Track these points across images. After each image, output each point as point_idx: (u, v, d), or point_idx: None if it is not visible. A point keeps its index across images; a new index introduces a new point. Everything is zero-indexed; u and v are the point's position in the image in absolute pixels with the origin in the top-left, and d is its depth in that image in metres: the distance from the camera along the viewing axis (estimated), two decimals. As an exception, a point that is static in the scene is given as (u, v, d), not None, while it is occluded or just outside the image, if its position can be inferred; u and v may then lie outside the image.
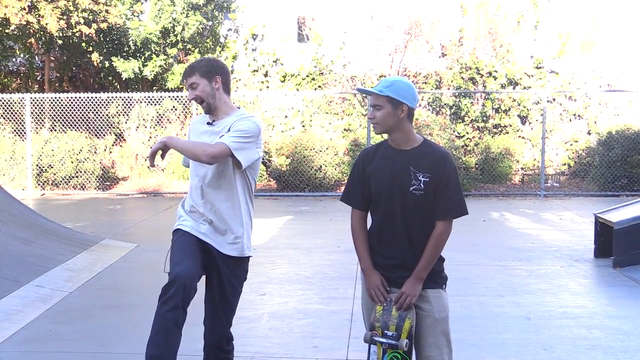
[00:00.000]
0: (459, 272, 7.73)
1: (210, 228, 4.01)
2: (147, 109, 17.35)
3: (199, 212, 4.03)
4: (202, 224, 4.02)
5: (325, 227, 11.43)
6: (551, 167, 17.50)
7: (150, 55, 17.52)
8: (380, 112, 3.45)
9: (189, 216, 4.07)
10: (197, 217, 4.04)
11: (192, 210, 4.06)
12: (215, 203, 4.00)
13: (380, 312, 3.47)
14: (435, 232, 3.44)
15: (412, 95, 3.47)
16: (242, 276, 4.15)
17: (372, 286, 3.51)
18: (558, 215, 12.67)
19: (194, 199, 4.06)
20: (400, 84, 3.48)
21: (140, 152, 17.44)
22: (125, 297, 7.09)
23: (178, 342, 3.86)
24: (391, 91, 3.43)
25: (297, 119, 17.74)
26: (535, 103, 17.66)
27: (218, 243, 4.02)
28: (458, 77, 18.07)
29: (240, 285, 4.14)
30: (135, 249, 9.43)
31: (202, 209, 4.02)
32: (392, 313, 3.44)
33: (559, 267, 8.38)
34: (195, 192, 4.06)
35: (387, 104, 3.43)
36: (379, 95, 3.44)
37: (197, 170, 4.05)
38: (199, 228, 4.02)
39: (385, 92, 3.43)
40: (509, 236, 10.51)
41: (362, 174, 3.57)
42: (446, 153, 3.51)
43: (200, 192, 4.03)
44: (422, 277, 3.43)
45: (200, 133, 4.07)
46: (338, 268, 8.27)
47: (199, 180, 4.03)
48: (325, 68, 18.66)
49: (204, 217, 4.02)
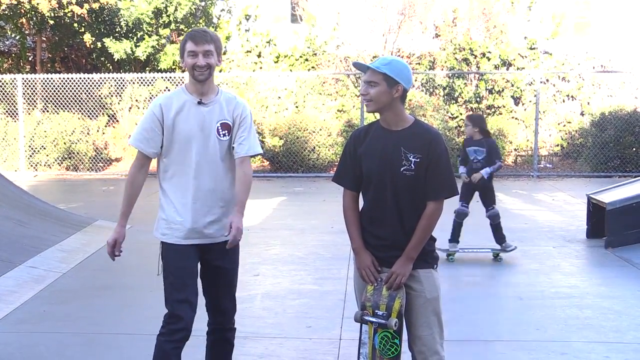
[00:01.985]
0: (452, 253, 7.74)
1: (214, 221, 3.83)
2: (139, 90, 17.27)
3: (203, 203, 3.81)
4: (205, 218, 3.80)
5: (319, 208, 11.44)
6: (544, 148, 17.52)
7: (143, 35, 17.41)
8: (375, 90, 3.42)
9: (181, 216, 3.82)
10: (198, 210, 3.81)
11: (190, 201, 3.82)
12: (223, 186, 3.86)
13: (372, 291, 3.48)
14: (426, 212, 3.43)
15: (407, 77, 3.46)
16: (237, 250, 3.94)
17: (363, 266, 3.52)
18: (551, 196, 12.71)
19: (196, 188, 3.81)
20: (398, 63, 3.46)
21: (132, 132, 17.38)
22: (119, 278, 7.10)
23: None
24: (389, 69, 3.40)
25: (290, 99, 17.70)
26: (528, 84, 17.66)
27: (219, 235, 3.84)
28: (451, 57, 18.04)
29: (238, 259, 4.01)
30: (129, 230, 9.29)
31: (206, 199, 3.81)
32: (383, 293, 3.45)
33: (552, 247, 8.42)
34: (198, 178, 3.80)
35: (382, 81, 3.41)
36: (376, 71, 3.41)
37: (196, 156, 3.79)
38: (201, 229, 3.81)
39: (382, 69, 3.40)
40: (502, 217, 10.50)
41: (354, 155, 3.56)
42: (437, 133, 3.49)
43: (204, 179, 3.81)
44: (412, 256, 3.43)
45: (196, 115, 3.78)
46: (331, 249, 8.29)
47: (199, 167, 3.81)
48: (319, 49, 18.60)
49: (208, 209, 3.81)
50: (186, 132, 3.77)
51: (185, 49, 3.76)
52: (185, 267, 3.81)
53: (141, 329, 5.48)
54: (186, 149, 3.78)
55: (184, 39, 3.79)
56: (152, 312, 6.05)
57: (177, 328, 3.72)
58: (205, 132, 3.78)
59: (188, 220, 3.79)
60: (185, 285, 3.77)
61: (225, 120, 3.83)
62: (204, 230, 3.80)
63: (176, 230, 3.82)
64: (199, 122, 3.78)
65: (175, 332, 3.73)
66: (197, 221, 3.79)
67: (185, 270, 3.81)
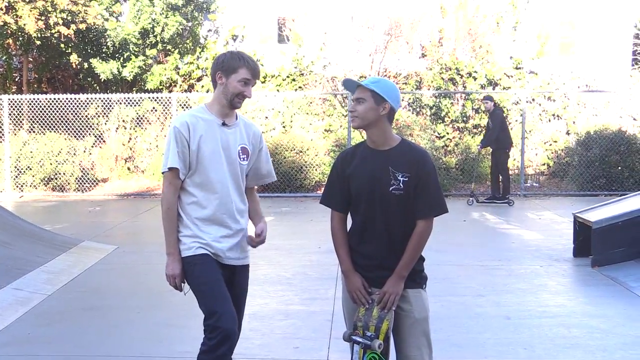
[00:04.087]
0: (440, 272, 7.74)
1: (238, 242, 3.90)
2: (126, 110, 17.25)
3: (227, 224, 3.84)
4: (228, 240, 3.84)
5: (306, 228, 11.42)
6: (530, 167, 17.59)
7: (129, 56, 17.43)
8: (362, 106, 3.46)
9: (207, 234, 3.80)
10: (222, 232, 3.83)
11: (215, 223, 3.82)
12: (241, 207, 3.91)
13: (363, 312, 3.48)
14: (416, 230, 3.45)
15: (396, 96, 3.50)
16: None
17: (354, 289, 3.51)
18: (537, 215, 12.75)
19: (221, 208, 3.81)
20: (387, 83, 3.53)
21: (120, 153, 17.34)
22: (105, 300, 7.05)
23: None
24: (377, 87, 3.46)
25: (277, 119, 17.72)
26: (514, 103, 17.75)
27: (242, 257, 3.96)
28: (438, 77, 18.14)
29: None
30: (115, 251, 9.37)
31: (231, 220, 3.85)
32: (373, 314, 3.45)
33: (539, 266, 8.43)
34: (225, 199, 3.81)
35: (370, 98, 3.45)
36: (364, 88, 3.47)
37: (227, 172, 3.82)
38: (225, 250, 3.84)
39: (371, 86, 3.46)
40: (489, 236, 10.56)
41: (341, 176, 3.58)
42: (424, 152, 3.53)
43: (232, 198, 3.84)
44: (403, 275, 3.44)
45: (220, 135, 3.78)
46: (319, 269, 8.27)
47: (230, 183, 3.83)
48: (306, 69, 18.66)
49: (232, 230, 3.86)
50: (210, 152, 3.76)
51: (238, 73, 3.73)
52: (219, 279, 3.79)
53: (128, 351, 5.44)
54: (210, 170, 3.77)
55: (239, 62, 3.75)
56: (139, 333, 6.01)
57: (221, 342, 3.66)
58: (227, 153, 3.80)
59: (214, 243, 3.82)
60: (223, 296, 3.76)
61: (244, 145, 3.86)
62: (226, 252, 3.85)
63: (204, 244, 3.81)
64: (223, 143, 3.79)
65: (217, 344, 3.66)
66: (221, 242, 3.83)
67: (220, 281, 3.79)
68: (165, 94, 17.03)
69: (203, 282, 3.73)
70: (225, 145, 3.79)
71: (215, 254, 3.80)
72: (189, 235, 3.78)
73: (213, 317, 3.62)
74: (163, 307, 6.66)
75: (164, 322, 6.25)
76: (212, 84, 3.86)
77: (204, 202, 3.78)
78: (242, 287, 4.00)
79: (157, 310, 6.60)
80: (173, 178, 3.75)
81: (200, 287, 3.73)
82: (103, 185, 16.99)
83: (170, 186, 3.77)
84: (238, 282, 3.94)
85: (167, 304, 6.68)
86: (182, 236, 3.79)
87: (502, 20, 18.83)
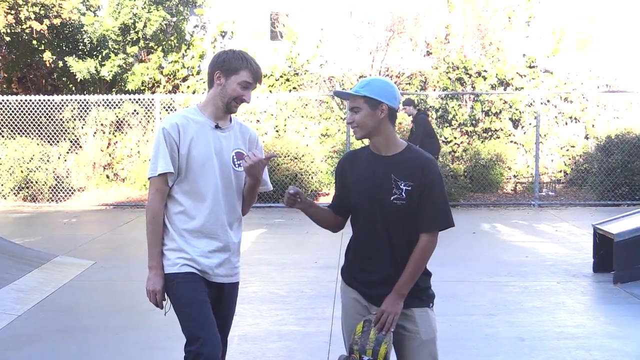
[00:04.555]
0: (447, 289, 7.73)
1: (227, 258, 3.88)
2: (105, 113, 17.24)
3: (218, 237, 3.81)
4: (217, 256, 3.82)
5: (302, 241, 11.40)
6: (546, 174, 17.62)
7: (108, 54, 17.43)
8: (359, 115, 3.46)
9: (194, 248, 3.76)
10: (210, 247, 3.79)
11: (204, 235, 3.78)
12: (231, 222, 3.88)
13: (360, 333, 3.46)
14: (418, 245, 3.43)
15: (391, 94, 3.48)
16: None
17: None
18: (554, 226, 12.75)
19: (211, 219, 3.78)
20: (377, 82, 3.51)
21: (98, 160, 17.33)
22: (81, 321, 7.02)
23: None
24: (367, 90, 3.45)
25: (270, 123, 17.73)
26: (528, 105, 17.79)
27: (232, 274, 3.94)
28: (444, 77, 18.17)
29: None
30: (92, 267, 9.34)
31: (222, 232, 3.83)
32: (370, 336, 3.42)
33: (555, 282, 8.42)
34: (216, 209, 3.78)
35: (364, 105, 3.45)
36: (356, 96, 3.46)
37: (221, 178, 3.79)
38: (214, 266, 3.81)
39: (361, 92, 3.45)
40: (500, 250, 10.54)
41: (341, 179, 3.65)
42: (430, 159, 3.51)
43: (221, 208, 3.81)
44: (403, 293, 3.42)
45: (213, 138, 3.76)
46: (315, 286, 8.24)
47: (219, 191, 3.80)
48: (301, 68, 18.68)
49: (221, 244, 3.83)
50: (201, 157, 3.72)
51: (239, 75, 3.71)
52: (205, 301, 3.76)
53: (105, 377, 5.42)
54: (200, 177, 3.73)
55: (242, 63, 3.72)
56: (117, 357, 5.98)
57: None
58: (220, 159, 3.76)
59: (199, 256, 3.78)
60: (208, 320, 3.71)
61: (240, 150, 3.84)
62: (215, 269, 3.81)
63: (189, 260, 3.76)
64: (215, 148, 3.75)
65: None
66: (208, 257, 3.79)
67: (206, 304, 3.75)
68: (147, 96, 17.04)
69: (186, 303, 3.69)
70: (218, 150, 3.75)
71: (203, 270, 3.75)
72: (173, 249, 3.74)
73: (196, 342, 3.58)
74: (144, 328, 6.64)
75: (146, 344, 6.22)
76: (207, 83, 3.83)
77: (192, 212, 3.74)
78: (229, 308, 3.96)
79: (137, 331, 6.57)
80: (161, 184, 3.71)
81: (183, 308, 3.68)
82: (79, 195, 16.96)
83: (157, 193, 3.72)
84: (226, 302, 3.90)
85: (149, 324, 6.65)
86: (166, 250, 3.75)
87: (514, 14, 18.88)
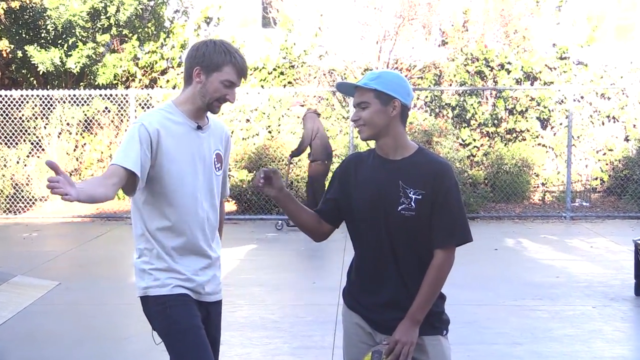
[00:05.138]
0: (465, 314, 7.74)
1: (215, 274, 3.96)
2: (72, 111, 17.24)
3: (206, 253, 3.87)
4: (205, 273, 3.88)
5: (297, 259, 11.41)
6: (579, 182, 17.62)
7: (75, 42, 17.42)
8: (367, 111, 3.46)
9: (185, 267, 3.79)
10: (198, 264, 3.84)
11: (193, 252, 3.82)
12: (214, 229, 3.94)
13: (369, 365, 3.46)
14: (433, 263, 3.43)
15: (405, 89, 3.49)
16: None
17: None
18: (589, 242, 12.75)
19: (198, 232, 3.81)
20: (389, 75, 3.51)
21: (63, 164, 17.31)
22: (43, 349, 7.01)
23: None
24: (379, 84, 3.44)
25: (262, 123, 17.75)
26: (558, 102, 17.80)
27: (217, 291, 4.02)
28: (462, 70, 18.19)
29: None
30: (56, 288, 9.34)
31: (208, 246, 3.89)
32: (380, 368, 3.42)
33: (591, 307, 8.42)
34: (201, 221, 3.82)
35: (374, 100, 3.44)
36: (365, 89, 3.45)
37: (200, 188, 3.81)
38: (204, 284, 3.87)
39: (371, 84, 3.44)
40: (527, 269, 10.55)
41: (341, 180, 3.63)
42: (444, 164, 3.50)
43: (204, 220, 3.84)
44: (418, 319, 3.42)
45: (196, 141, 3.77)
46: (313, 310, 8.25)
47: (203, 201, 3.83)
48: (297, 60, 18.70)
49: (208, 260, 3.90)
50: (186, 165, 3.71)
51: (222, 72, 3.69)
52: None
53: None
54: (186, 186, 3.74)
55: (225, 57, 3.69)
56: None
57: None
58: (203, 164, 3.78)
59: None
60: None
61: (219, 151, 3.86)
62: (205, 287, 3.87)
63: (183, 280, 3.79)
64: (199, 152, 3.75)
65: None
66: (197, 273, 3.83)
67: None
68: (120, 91, 17.03)
69: (182, 329, 3.70)
70: (200, 155, 3.76)
71: (195, 290, 3.80)
72: (163, 270, 3.74)
73: None
74: (117, 358, 6.64)
75: (118, 377, 6.23)
76: (184, 78, 3.81)
77: (180, 227, 3.74)
78: (217, 329, 4.03)
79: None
80: (122, 179, 3.54)
81: (179, 335, 3.69)
82: (41, 206, 16.97)
83: (116, 186, 3.51)
84: (214, 322, 3.97)
85: (122, 353, 6.65)
86: (153, 270, 3.75)
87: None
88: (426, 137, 16.06)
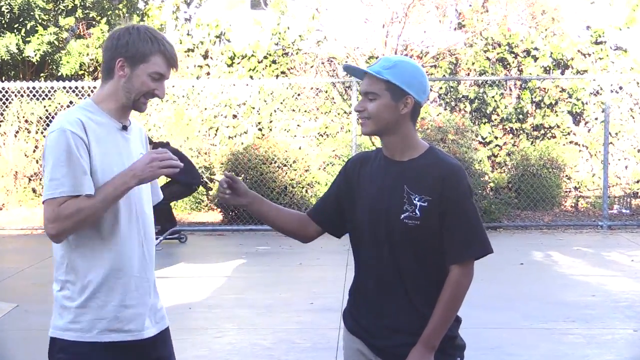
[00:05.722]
0: (487, 339, 7.74)
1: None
2: (30, 106, 17.24)
3: (140, 276, 3.71)
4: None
5: (293, 276, 11.41)
6: (618, 185, 17.62)
7: (35, 27, 17.41)
8: (374, 104, 3.45)
9: (112, 299, 3.63)
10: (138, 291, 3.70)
11: (125, 277, 3.67)
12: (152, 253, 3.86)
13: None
14: (449, 280, 3.42)
15: (421, 84, 3.48)
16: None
17: None
18: (629, 255, 12.76)
19: (130, 254, 3.68)
20: (407, 65, 3.49)
21: (21, 168, 17.31)
22: (-1, 382, 7.02)
23: None
24: (393, 74, 3.42)
25: (251, 118, 17.75)
26: (593, 94, 17.82)
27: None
28: (482, 57, 18.21)
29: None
30: (14, 311, 9.33)
31: (142, 268, 3.74)
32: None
33: (632, 330, 8.43)
34: (133, 240, 3.69)
35: (385, 92, 3.43)
36: (376, 78, 3.44)
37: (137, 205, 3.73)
38: (144, 319, 3.71)
39: (384, 74, 3.42)
40: (558, 286, 10.55)
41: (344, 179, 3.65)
42: (454, 165, 3.49)
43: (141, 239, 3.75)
44: (434, 345, 3.41)
45: (122, 144, 3.69)
46: (311, 334, 8.24)
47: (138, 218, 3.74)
48: (292, 46, 18.70)
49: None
50: (110, 168, 3.60)
51: (149, 63, 3.60)
52: None
53: None
54: None
55: (152, 46, 3.60)
56: None
57: None
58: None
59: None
60: None
61: (142, 153, 3.79)
62: (144, 322, 3.71)
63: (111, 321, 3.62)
64: (127, 157, 3.67)
65: None
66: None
67: None
68: (87, 82, 17.02)
69: None
70: (130, 159, 3.65)
71: (130, 330, 3.64)
72: (83, 307, 3.58)
73: None
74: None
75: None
76: (103, 72, 3.70)
77: (107, 247, 3.61)
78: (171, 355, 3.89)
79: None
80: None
81: None
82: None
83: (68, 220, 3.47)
84: (162, 355, 3.82)
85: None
86: (73, 307, 3.58)
87: (574, -26, 18.97)
88: (440, 134, 16.00)
